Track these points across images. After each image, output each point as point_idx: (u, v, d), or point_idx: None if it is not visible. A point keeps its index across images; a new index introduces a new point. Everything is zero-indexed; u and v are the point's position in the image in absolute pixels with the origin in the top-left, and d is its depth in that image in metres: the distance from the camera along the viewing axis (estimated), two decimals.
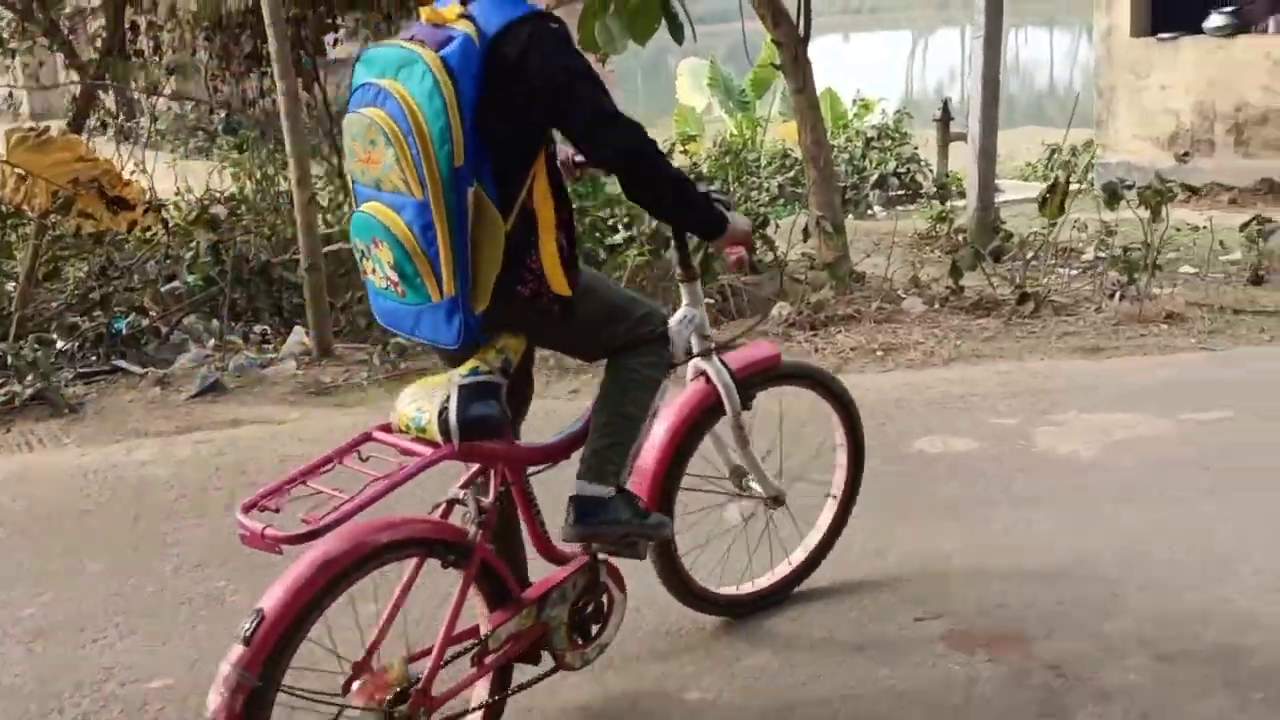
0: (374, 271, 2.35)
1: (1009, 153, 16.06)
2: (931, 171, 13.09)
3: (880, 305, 6.18)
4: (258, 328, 6.46)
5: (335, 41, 7.07)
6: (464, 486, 2.39)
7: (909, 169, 13.06)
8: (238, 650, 2.06)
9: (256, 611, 2.08)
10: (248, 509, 2.15)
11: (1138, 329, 5.48)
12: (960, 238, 9.02)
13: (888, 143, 13.53)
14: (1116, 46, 12.29)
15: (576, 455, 2.56)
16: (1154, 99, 12.12)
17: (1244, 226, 7.69)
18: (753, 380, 2.89)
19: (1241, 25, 11.59)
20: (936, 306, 6.29)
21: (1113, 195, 6.15)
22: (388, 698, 2.21)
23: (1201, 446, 4.08)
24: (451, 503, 2.38)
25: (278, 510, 2.16)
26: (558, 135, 2.37)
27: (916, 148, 13.59)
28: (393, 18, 6.80)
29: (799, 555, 3.18)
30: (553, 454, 2.57)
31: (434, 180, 2.18)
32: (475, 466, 2.42)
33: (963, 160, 13.61)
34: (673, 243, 2.75)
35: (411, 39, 2.26)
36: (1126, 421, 4.36)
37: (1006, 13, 9.15)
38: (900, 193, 12.96)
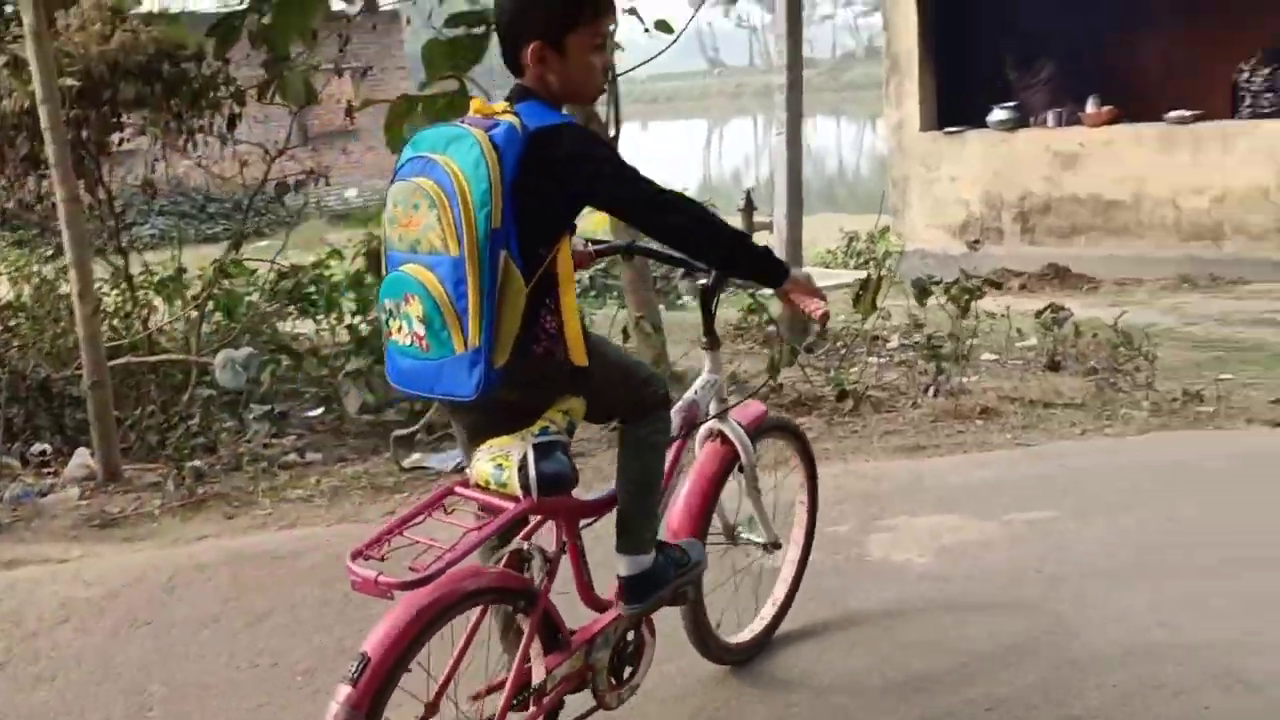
0: (400, 330, 2.54)
1: (809, 239, 16.46)
2: None
3: None
4: (37, 447, 5.93)
5: (121, 141, 6.65)
6: (526, 539, 2.62)
7: None
8: (345, 690, 2.24)
9: (362, 655, 2.27)
10: (355, 557, 2.36)
11: (955, 425, 5.55)
12: (772, 328, 9.11)
13: None
14: (907, 140, 12.82)
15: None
16: (945, 189, 12.66)
17: (1039, 314, 7.98)
18: (752, 434, 3.22)
19: (1022, 119, 12.26)
20: None
21: (923, 291, 6.28)
22: None
23: (1029, 549, 4.09)
24: (515, 554, 2.58)
25: (383, 559, 2.36)
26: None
27: None
28: (184, 116, 6.44)
29: (780, 597, 3.54)
30: (600, 508, 2.82)
31: (471, 239, 2.39)
32: (536, 519, 2.66)
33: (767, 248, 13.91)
34: (701, 314, 3.04)
35: (461, 122, 2.52)
36: (953, 525, 4.36)
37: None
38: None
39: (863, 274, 13.24)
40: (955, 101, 12.83)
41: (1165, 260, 11.41)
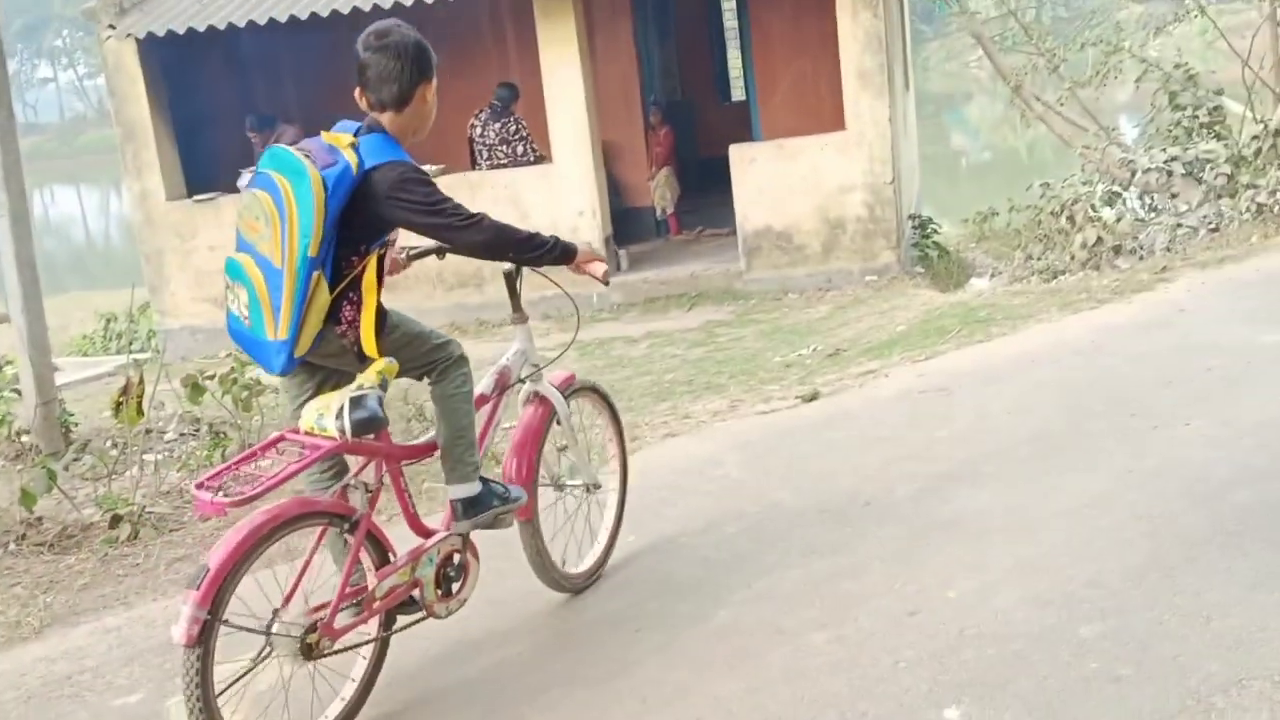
0: (234, 302, 3.27)
1: (60, 323, 14.86)
2: None
3: None
4: None
5: None
6: (355, 475, 3.34)
7: None
8: (190, 594, 2.93)
9: (203, 565, 2.96)
10: (200, 487, 3.03)
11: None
12: (23, 440, 7.86)
13: None
14: (155, 211, 11.92)
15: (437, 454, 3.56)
16: (205, 259, 11.93)
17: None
18: (564, 394, 4.06)
19: None
20: (11, 547, 5.19)
21: (195, 388, 5.63)
22: (303, 628, 3.12)
23: None
24: (345, 488, 3.31)
25: (219, 489, 3.03)
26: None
27: None
28: None
29: (603, 535, 4.28)
30: (418, 452, 3.57)
31: (291, 260, 3.11)
32: (363, 460, 3.33)
33: (8, 344, 12.21)
34: (509, 296, 3.89)
35: (308, 155, 3.17)
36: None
37: (27, 172, 8.25)
38: None
39: (124, 359, 12.12)
40: (204, 168, 12.15)
41: (435, 310, 11.66)
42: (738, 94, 16.04)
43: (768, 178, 10.97)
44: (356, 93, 3.40)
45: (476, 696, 3.52)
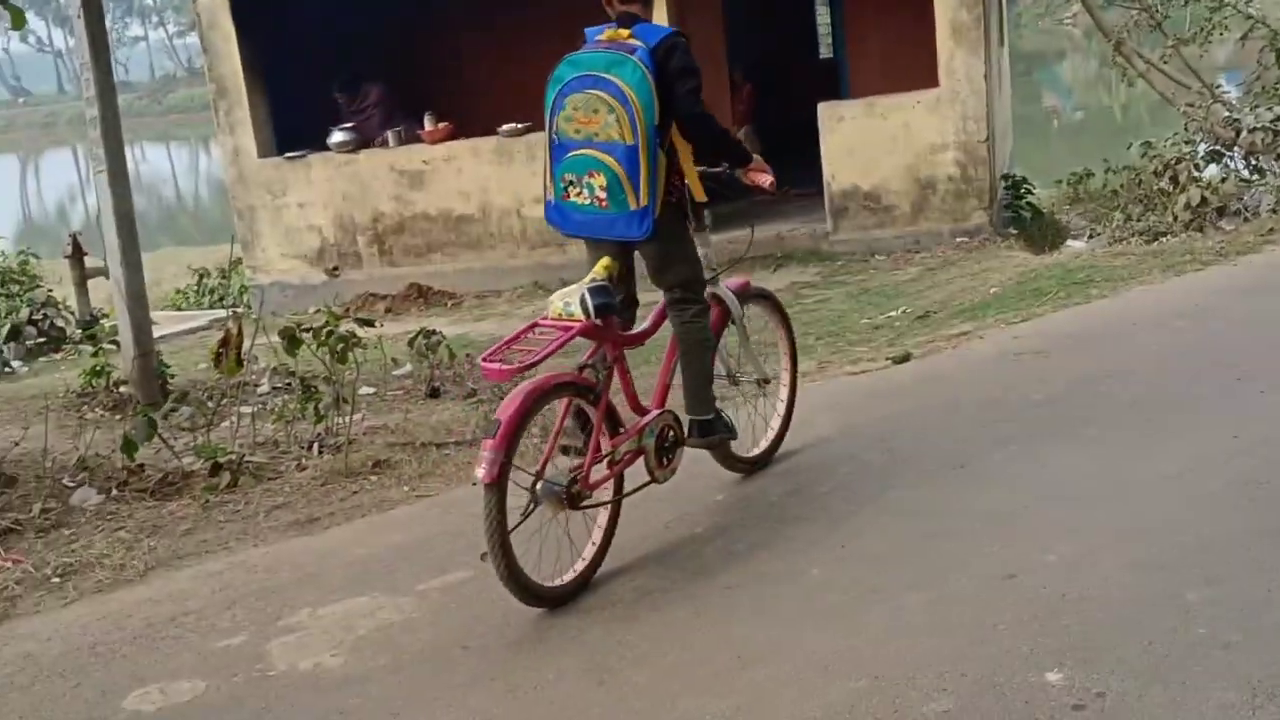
0: (580, 195, 3.94)
1: (154, 279, 15.11)
2: (74, 314, 11.75)
3: (44, 507, 5.08)
4: None
5: None
6: (589, 358, 3.96)
7: (45, 315, 11.59)
8: (488, 442, 3.56)
9: (495, 420, 3.61)
10: (486, 359, 3.70)
11: (348, 485, 5.06)
12: (121, 391, 8.05)
13: (15, 288, 11.90)
14: (247, 168, 12.07)
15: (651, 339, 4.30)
16: (295, 216, 12.09)
17: (412, 340, 7.74)
18: (740, 297, 4.57)
19: (363, 140, 12.01)
20: (114, 493, 5.33)
21: (292, 340, 5.71)
22: (566, 482, 3.77)
23: (453, 623, 3.73)
24: (582, 368, 3.93)
25: (502, 360, 3.69)
26: None
27: (50, 289, 12.15)
28: None
29: (775, 424, 4.83)
30: (637, 339, 4.22)
31: (643, 134, 3.81)
32: (594, 345, 3.95)
33: (106, 297, 12.50)
34: (692, 208, 4.21)
35: (610, 48, 3.90)
36: (366, 608, 3.89)
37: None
38: (41, 341, 11.45)
39: (219, 314, 12.36)
40: (294, 124, 12.28)
41: (519, 269, 11.74)
42: (825, 52, 15.80)
43: (857, 136, 10.80)
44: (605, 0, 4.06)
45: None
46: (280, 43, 12.27)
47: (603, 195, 3.86)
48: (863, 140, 10.79)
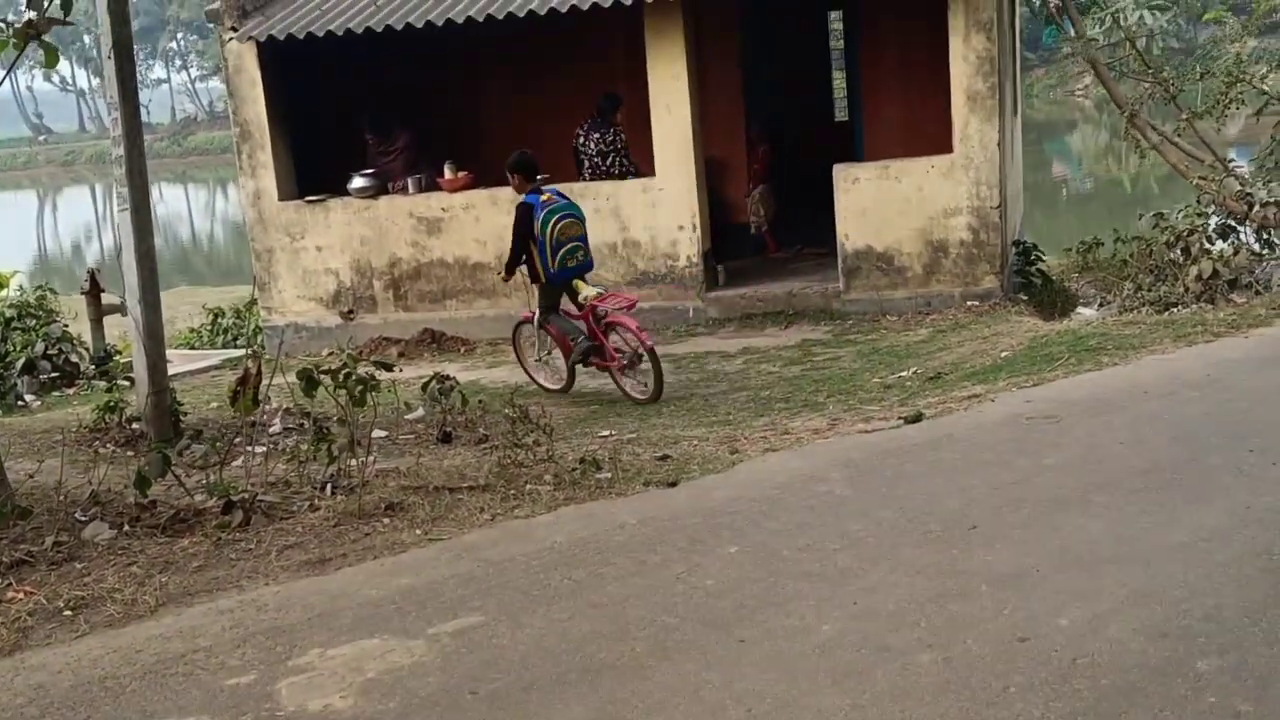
0: (572, 257, 8.66)
1: (168, 318, 15.24)
2: (88, 350, 11.82)
3: (57, 540, 5.09)
4: None
5: None
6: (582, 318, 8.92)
7: (60, 349, 11.66)
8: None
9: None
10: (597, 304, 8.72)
11: (361, 527, 5.07)
12: (134, 427, 8.09)
13: (31, 322, 11.98)
14: (267, 210, 12.19)
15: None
16: (312, 259, 12.20)
17: (425, 384, 7.78)
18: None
19: (382, 187, 12.14)
20: (126, 528, 5.34)
21: (310, 382, 5.75)
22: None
23: (462, 667, 3.74)
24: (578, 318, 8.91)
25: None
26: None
27: (66, 324, 12.23)
28: None
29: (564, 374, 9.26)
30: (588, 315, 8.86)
31: (586, 237, 8.86)
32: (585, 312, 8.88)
33: (120, 333, 12.57)
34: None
35: (565, 198, 9.02)
36: (377, 649, 3.89)
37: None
38: (54, 376, 11.51)
39: (232, 354, 12.42)
40: (314, 169, 12.43)
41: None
42: (840, 115, 15.97)
43: (871, 198, 10.90)
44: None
45: None
46: (303, 88, 12.44)
47: (581, 257, 8.73)
48: (876, 202, 10.89)
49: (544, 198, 8.60)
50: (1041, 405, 6.25)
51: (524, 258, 8.72)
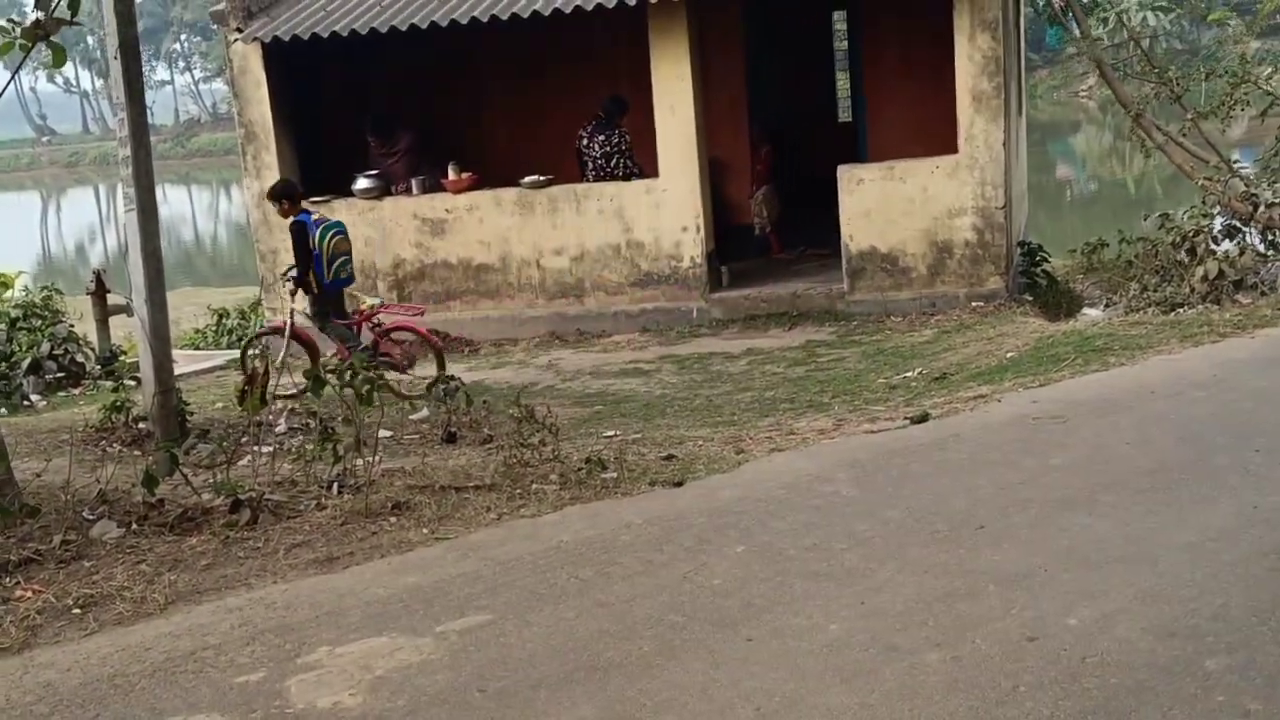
0: (344, 269, 9.26)
1: (172, 318, 15.25)
2: (94, 350, 11.84)
3: (65, 539, 5.10)
4: None
5: None
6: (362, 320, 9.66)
7: (66, 349, 11.67)
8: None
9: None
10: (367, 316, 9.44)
11: (368, 525, 5.08)
12: (141, 426, 8.11)
13: (37, 322, 11.99)
14: (272, 211, 12.15)
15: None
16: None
17: (430, 385, 7.79)
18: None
19: (386, 188, 12.14)
20: (134, 527, 5.35)
21: (317, 381, 5.76)
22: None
23: (470, 665, 3.74)
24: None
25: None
26: None
27: (72, 325, 12.25)
28: None
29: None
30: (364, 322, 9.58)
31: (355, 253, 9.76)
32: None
33: (125, 333, 12.59)
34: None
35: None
36: (385, 648, 3.90)
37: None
38: (60, 376, 11.52)
39: (237, 354, 12.42)
40: (318, 170, 12.43)
41: (536, 319, 11.83)
42: (844, 115, 15.97)
43: (875, 199, 10.90)
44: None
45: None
46: (306, 89, 12.46)
47: (352, 271, 9.42)
48: (881, 203, 10.89)
49: (315, 216, 9.30)
50: (1048, 405, 6.25)
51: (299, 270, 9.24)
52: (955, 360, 8.46)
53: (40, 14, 5.80)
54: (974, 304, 10.66)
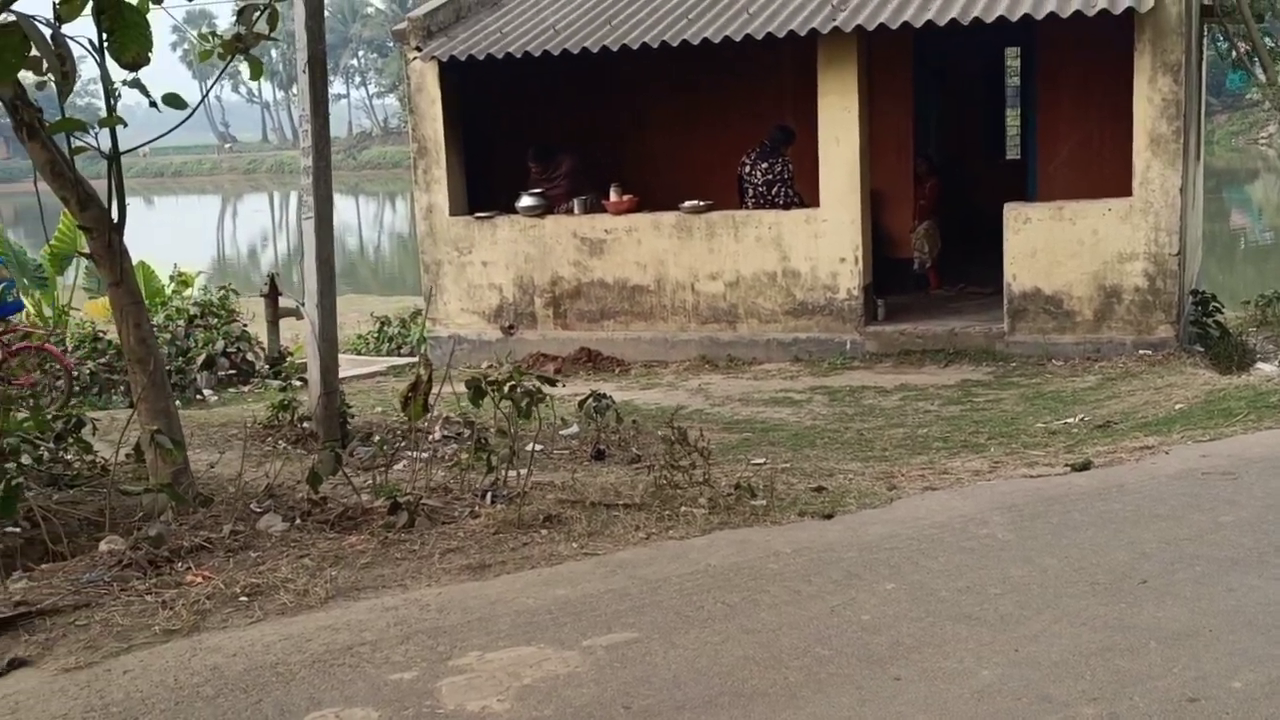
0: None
1: (338, 324, 15.90)
2: (264, 350, 12.36)
3: (234, 529, 5.34)
4: None
5: None
6: None
7: (239, 348, 12.23)
8: None
9: None
10: None
11: (519, 536, 5.18)
12: (304, 426, 8.44)
13: (214, 320, 12.59)
14: (439, 224, 12.56)
15: None
16: (478, 274, 12.50)
17: (582, 402, 7.90)
18: None
19: (549, 206, 12.39)
20: (298, 522, 5.57)
21: (478, 392, 5.91)
22: None
23: (616, 681, 3.78)
24: None
25: None
26: None
27: (245, 325, 12.82)
28: None
29: None
30: None
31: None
32: None
33: (292, 335, 13.12)
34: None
35: None
36: (533, 657, 3.97)
37: None
38: (231, 373, 12.08)
39: (396, 361, 12.82)
40: (484, 186, 12.78)
41: (688, 342, 11.89)
42: (1012, 152, 15.68)
43: (1042, 239, 10.66)
44: None
45: None
46: (475, 110, 12.81)
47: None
48: (1048, 243, 10.64)
49: None
50: (1218, 461, 6.01)
51: None
52: (1120, 408, 8.20)
53: (241, 28, 6.12)
54: (1141, 352, 10.32)
